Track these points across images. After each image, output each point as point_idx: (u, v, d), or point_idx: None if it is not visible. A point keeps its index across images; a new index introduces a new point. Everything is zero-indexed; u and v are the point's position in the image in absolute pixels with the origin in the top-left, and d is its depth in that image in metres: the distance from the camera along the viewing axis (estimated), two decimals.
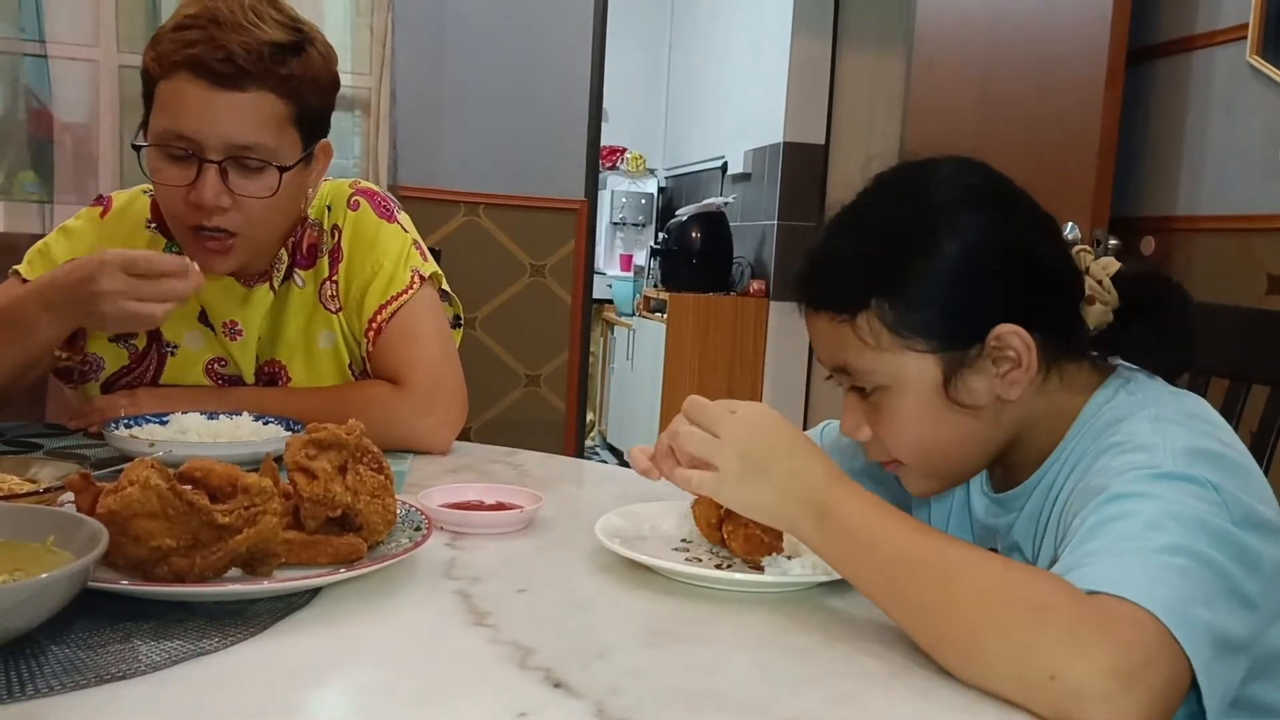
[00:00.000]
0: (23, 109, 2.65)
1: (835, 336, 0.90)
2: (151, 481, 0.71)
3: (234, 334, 1.36)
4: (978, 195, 0.90)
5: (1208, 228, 2.42)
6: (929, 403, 0.88)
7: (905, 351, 0.87)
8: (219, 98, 1.17)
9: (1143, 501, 0.72)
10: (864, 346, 0.88)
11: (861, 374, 0.90)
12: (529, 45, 3.03)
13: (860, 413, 0.92)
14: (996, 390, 0.88)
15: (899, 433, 0.90)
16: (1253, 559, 0.72)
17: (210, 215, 1.21)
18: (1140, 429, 0.81)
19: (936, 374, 0.87)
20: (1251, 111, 2.31)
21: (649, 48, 6.38)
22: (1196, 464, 0.75)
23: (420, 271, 1.37)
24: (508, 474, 1.24)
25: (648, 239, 5.83)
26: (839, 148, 4.62)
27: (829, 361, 0.93)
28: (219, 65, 1.16)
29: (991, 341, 0.86)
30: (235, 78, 1.17)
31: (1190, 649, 0.64)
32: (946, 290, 0.86)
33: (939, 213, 0.88)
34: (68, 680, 0.61)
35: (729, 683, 0.68)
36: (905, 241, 0.88)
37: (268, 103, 1.20)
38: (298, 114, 1.23)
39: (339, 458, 0.83)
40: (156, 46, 1.19)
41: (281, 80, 1.19)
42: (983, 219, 0.88)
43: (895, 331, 0.87)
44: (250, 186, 1.22)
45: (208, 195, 1.19)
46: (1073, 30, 2.58)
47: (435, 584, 0.83)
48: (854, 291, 0.88)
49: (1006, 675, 0.65)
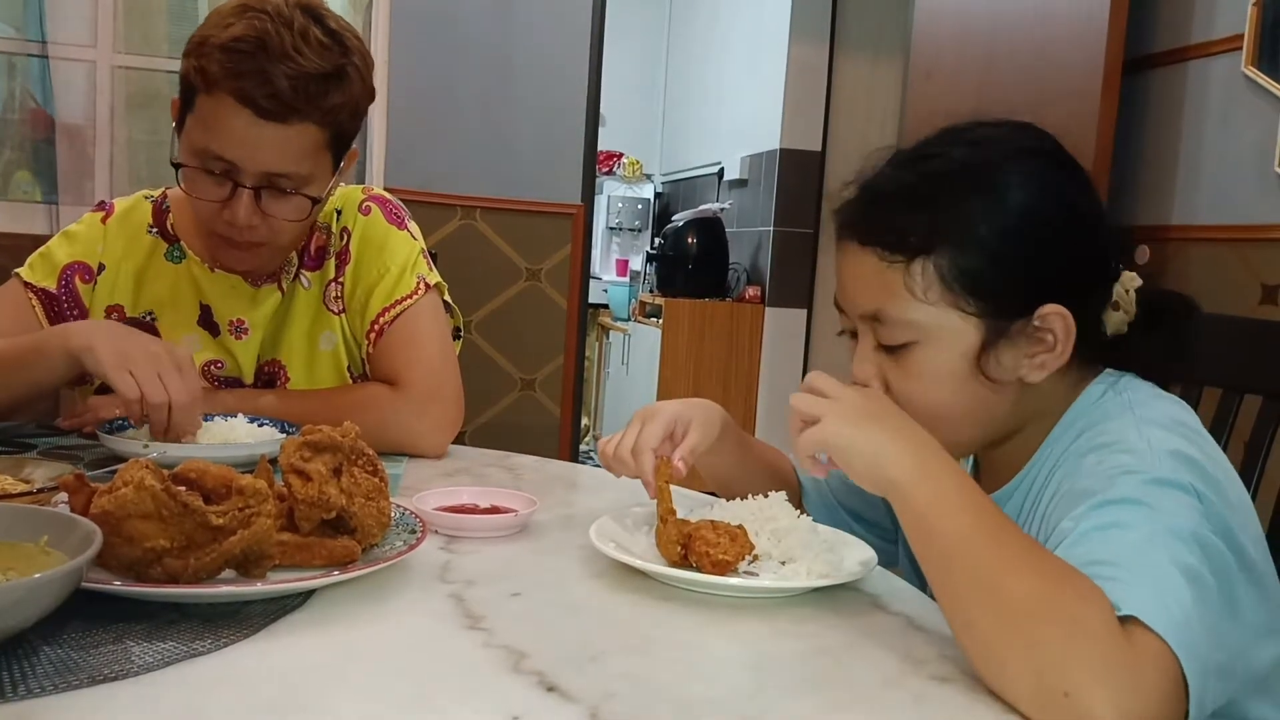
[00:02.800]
0: (20, 109, 2.65)
1: (878, 279, 0.86)
2: (146, 482, 0.71)
3: (240, 333, 1.37)
4: (1055, 164, 0.87)
5: (1202, 237, 2.42)
6: (955, 368, 0.85)
7: (950, 309, 0.84)
8: (262, 129, 1.18)
9: (1138, 510, 0.72)
10: (908, 296, 0.84)
11: (895, 324, 0.86)
12: (527, 49, 3.04)
13: (873, 363, 0.89)
14: (1022, 370, 0.86)
15: (916, 392, 0.87)
16: (1231, 582, 0.71)
17: (241, 233, 1.24)
18: (1125, 431, 0.81)
19: (974, 340, 0.85)
20: (1247, 122, 2.32)
21: (646, 53, 6.39)
22: (1179, 468, 0.75)
23: (426, 279, 1.39)
24: (502, 478, 1.24)
25: (644, 244, 5.83)
26: (836, 154, 4.63)
27: (860, 305, 0.88)
28: (265, 101, 1.16)
29: (1035, 320, 0.84)
30: (280, 112, 1.18)
31: (1191, 680, 0.64)
32: (1012, 253, 0.84)
33: (1015, 171, 0.85)
34: (60, 681, 0.60)
35: (723, 688, 0.68)
36: (980, 193, 0.84)
37: (308, 134, 1.21)
38: (332, 138, 1.25)
39: (334, 460, 0.83)
40: (201, 58, 1.18)
41: (324, 111, 1.21)
42: (1056, 188, 0.86)
43: (948, 286, 0.83)
44: (282, 209, 1.24)
45: (241, 217, 1.22)
46: (1069, 39, 2.59)
47: (429, 587, 0.83)
48: (918, 234, 0.84)
49: (1022, 677, 0.65)
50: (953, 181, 0.86)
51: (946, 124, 0.91)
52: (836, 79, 4.63)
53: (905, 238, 0.84)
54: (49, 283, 1.35)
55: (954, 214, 0.84)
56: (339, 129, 1.25)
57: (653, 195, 6.12)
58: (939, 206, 0.85)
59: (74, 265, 1.36)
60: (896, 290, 0.85)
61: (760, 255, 4.78)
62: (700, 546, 0.86)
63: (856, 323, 0.90)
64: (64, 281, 1.36)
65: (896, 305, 0.85)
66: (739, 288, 4.87)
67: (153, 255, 1.39)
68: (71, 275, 1.36)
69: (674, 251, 4.90)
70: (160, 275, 1.38)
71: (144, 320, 1.38)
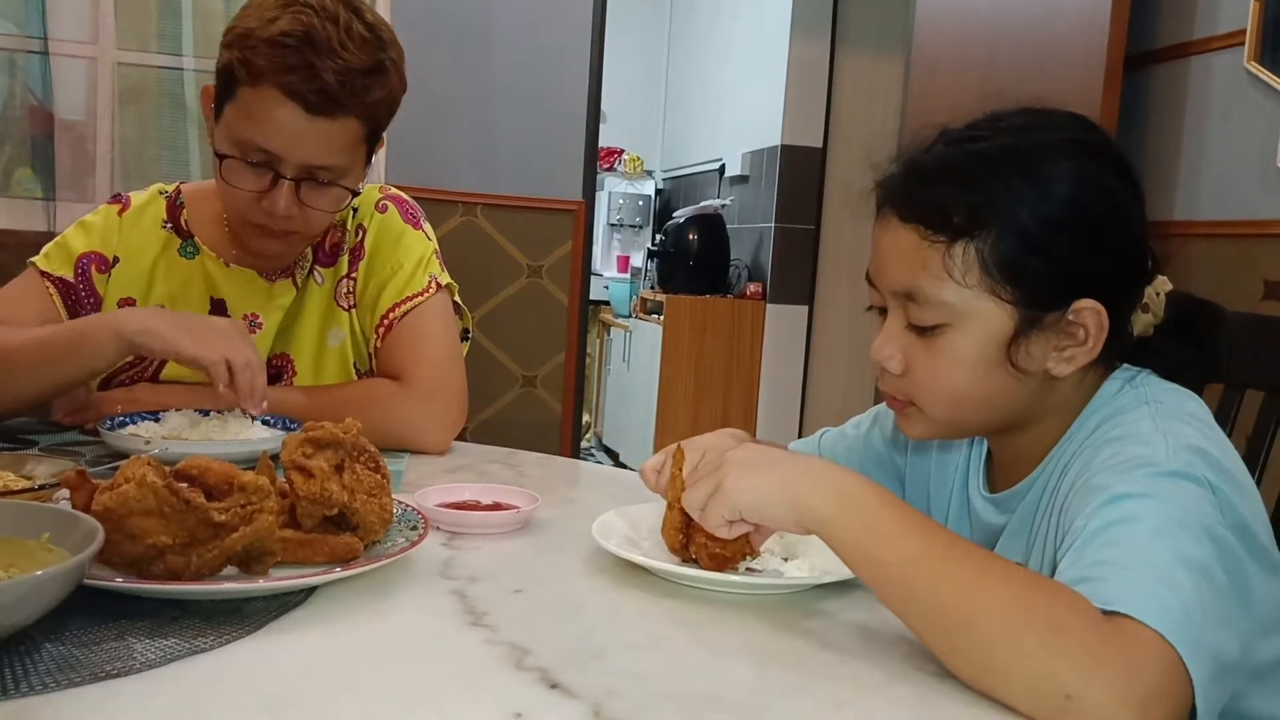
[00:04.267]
0: (21, 106, 2.65)
1: (916, 256, 0.85)
2: (148, 479, 0.71)
3: (253, 326, 1.38)
4: (1105, 158, 0.87)
5: (1204, 233, 2.42)
6: (985, 354, 0.85)
7: (987, 295, 0.83)
8: (310, 124, 1.19)
9: (1145, 503, 0.72)
10: (945, 277, 0.83)
11: (929, 304, 0.85)
12: (528, 45, 3.03)
13: (898, 344, 0.88)
14: (1049, 362, 0.85)
15: (940, 374, 0.86)
16: (1244, 575, 0.71)
17: (278, 222, 1.26)
18: (1142, 425, 0.81)
19: (1007, 328, 0.84)
20: (1249, 117, 2.31)
21: (648, 49, 6.39)
22: (1196, 461, 0.75)
23: (438, 279, 1.40)
24: (505, 474, 1.24)
25: (645, 241, 5.83)
26: (837, 151, 4.63)
27: (895, 281, 0.87)
28: (313, 96, 1.18)
29: (1070, 314, 0.84)
30: (327, 107, 1.19)
31: (1195, 673, 0.64)
32: (1055, 244, 0.83)
33: (1065, 162, 0.84)
34: (62, 678, 0.60)
35: (725, 686, 0.68)
36: (1028, 181, 0.83)
37: (350, 128, 1.23)
38: (370, 132, 1.27)
39: (336, 456, 0.83)
40: (246, 50, 1.18)
41: (366, 106, 1.22)
42: (1104, 183, 0.85)
43: (987, 271, 0.83)
44: (320, 200, 1.26)
45: (281, 207, 1.23)
46: (1071, 35, 2.59)
47: (431, 584, 0.83)
48: (963, 216, 0.83)
49: (1021, 690, 0.64)
50: (1001, 166, 0.85)
51: (993, 109, 0.90)
52: (838, 75, 4.63)
53: (949, 218, 0.83)
54: (66, 272, 1.36)
55: (1000, 199, 0.83)
56: (377, 123, 1.27)
57: (654, 192, 6.11)
58: (986, 190, 0.84)
59: (90, 255, 1.37)
60: (935, 270, 0.84)
61: (761, 252, 4.78)
62: (700, 538, 0.85)
63: (888, 299, 0.89)
64: (80, 271, 1.37)
65: (933, 285, 0.84)
66: (740, 284, 4.87)
67: (165, 251, 1.39)
68: (88, 265, 1.37)
69: (675, 248, 4.90)
70: (172, 271, 1.39)
71: None
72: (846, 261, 4.69)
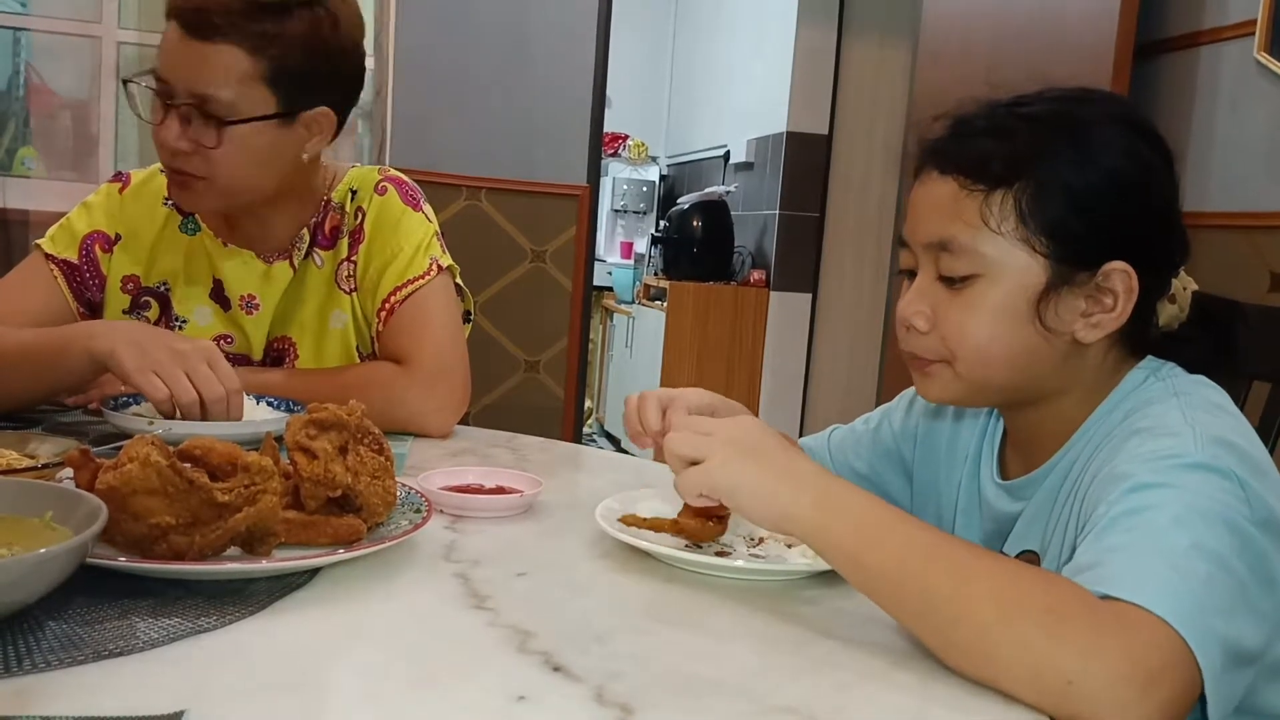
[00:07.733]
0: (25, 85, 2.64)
1: (953, 206, 0.86)
2: (151, 459, 0.70)
3: (250, 308, 1.38)
4: (1147, 138, 0.88)
5: (1212, 224, 2.41)
6: (1014, 306, 0.85)
7: (1021, 245, 0.84)
8: (186, 45, 1.20)
9: (1168, 493, 0.71)
10: (981, 226, 0.85)
11: (964, 254, 0.85)
12: (533, 30, 3.02)
13: (926, 300, 0.88)
14: (1077, 326, 0.86)
15: (969, 325, 0.86)
16: (1268, 568, 0.71)
17: (172, 157, 1.25)
18: (1169, 415, 0.81)
19: (1039, 281, 0.84)
20: (1258, 108, 2.30)
21: (653, 34, 6.36)
22: (1223, 454, 0.74)
23: (439, 261, 1.39)
24: (508, 458, 1.24)
25: (649, 227, 5.82)
26: (842, 138, 4.61)
27: (930, 232, 0.88)
28: (190, 15, 1.19)
29: (1100, 276, 0.85)
30: (202, 28, 1.19)
31: (1203, 659, 0.64)
32: (1092, 203, 0.84)
33: (1108, 131, 0.86)
34: (65, 656, 0.60)
35: (727, 669, 0.68)
36: (1071, 142, 0.85)
37: (231, 56, 1.20)
38: (271, 72, 1.23)
39: (340, 438, 0.83)
40: None
41: (251, 36, 1.20)
42: (1144, 159, 0.86)
43: (1024, 220, 0.84)
44: (210, 138, 1.23)
45: (162, 135, 1.23)
46: (1079, 24, 2.57)
47: (435, 566, 0.83)
48: (1003, 163, 0.84)
49: (1022, 679, 0.64)
50: (1049, 127, 0.86)
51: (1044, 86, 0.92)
52: (844, 62, 4.60)
53: (988, 166, 0.85)
54: (70, 254, 1.37)
55: (1045, 153, 0.84)
56: (278, 63, 1.22)
57: (658, 178, 6.10)
58: (1027, 142, 0.85)
59: (94, 235, 1.38)
60: (970, 219, 0.85)
61: (765, 239, 4.77)
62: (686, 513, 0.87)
63: (920, 254, 0.90)
64: (85, 251, 1.37)
65: (968, 234, 0.85)
66: (744, 271, 4.86)
67: (167, 226, 1.40)
68: (92, 244, 1.37)
69: (679, 234, 4.89)
70: (175, 246, 1.39)
71: (158, 290, 1.39)
72: (851, 250, 4.68)
